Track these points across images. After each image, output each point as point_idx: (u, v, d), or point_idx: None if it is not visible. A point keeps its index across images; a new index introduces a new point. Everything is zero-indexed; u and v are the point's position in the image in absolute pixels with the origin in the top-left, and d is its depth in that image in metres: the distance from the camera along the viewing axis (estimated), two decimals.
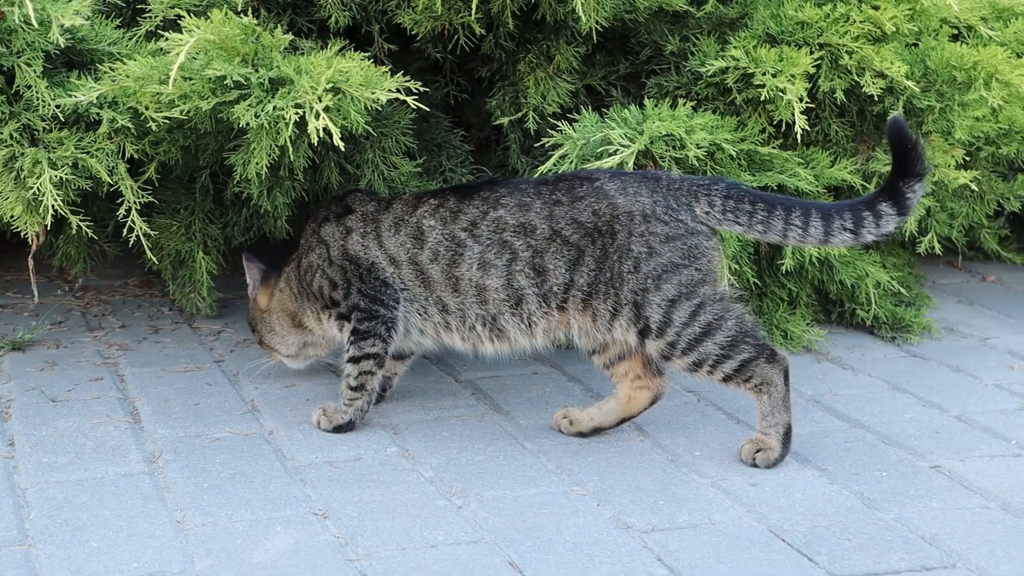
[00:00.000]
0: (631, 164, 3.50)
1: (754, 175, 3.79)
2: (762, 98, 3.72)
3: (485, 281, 3.19)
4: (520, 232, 3.17)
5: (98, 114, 3.45)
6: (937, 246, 4.23)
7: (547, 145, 3.73)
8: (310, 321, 3.45)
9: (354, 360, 3.29)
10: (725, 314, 3.09)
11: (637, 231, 3.09)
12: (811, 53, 3.77)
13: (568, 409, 3.34)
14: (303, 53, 3.55)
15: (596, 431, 3.30)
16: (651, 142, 3.53)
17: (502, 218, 3.19)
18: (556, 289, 3.14)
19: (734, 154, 3.69)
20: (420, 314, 3.28)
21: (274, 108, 3.23)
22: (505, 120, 4.06)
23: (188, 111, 3.32)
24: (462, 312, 3.23)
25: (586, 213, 3.13)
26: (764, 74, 3.70)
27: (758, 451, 3.12)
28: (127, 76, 3.34)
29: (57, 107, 3.42)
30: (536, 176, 3.51)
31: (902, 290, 4.29)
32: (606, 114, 3.74)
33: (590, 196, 3.15)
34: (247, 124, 3.26)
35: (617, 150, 3.51)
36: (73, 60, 3.59)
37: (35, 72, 3.41)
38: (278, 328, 3.53)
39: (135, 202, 3.57)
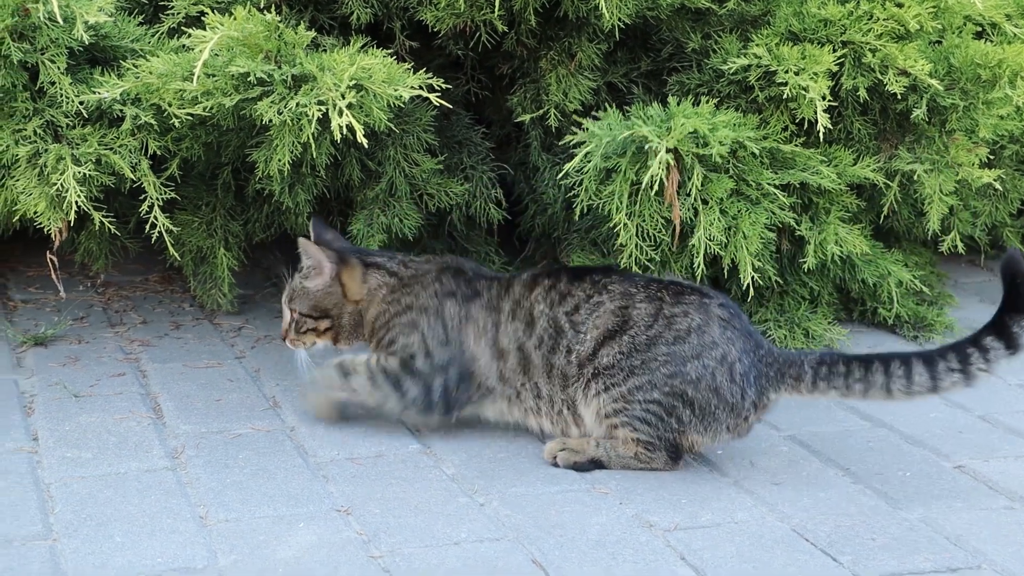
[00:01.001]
0: (662, 159, 3.47)
1: (776, 173, 3.77)
2: (784, 96, 3.71)
3: (568, 370, 3.14)
4: (613, 315, 3.10)
5: (121, 111, 3.45)
6: (960, 245, 4.20)
7: (571, 143, 3.72)
8: (355, 342, 3.34)
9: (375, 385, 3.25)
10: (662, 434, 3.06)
11: (705, 361, 3.02)
12: (834, 51, 3.75)
13: None
14: (325, 50, 3.55)
15: None
16: (679, 140, 3.52)
17: (602, 303, 3.12)
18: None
19: (756, 152, 3.68)
20: (509, 399, 3.20)
21: (297, 105, 3.23)
22: (526, 117, 4.06)
23: (211, 108, 3.32)
24: (551, 397, 3.17)
25: (680, 319, 3.06)
26: (786, 72, 3.69)
27: (565, 450, 3.11)
28: (150, 73, 3.35)
29: (80, 104, 3.43)
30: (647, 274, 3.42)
31: (924, 289, 4.27)
32: (629, 111, 3.73)
33: (694, 308, 3.06)
34: (270, 121, 3.27)
35: (649, 147, 3.49)
36: (96, 57, 3.60)
37: (59, 69, 3.41)
38: (360, 328, 3.33)
39: (158, 198, 3.58)
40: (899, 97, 3.80)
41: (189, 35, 3.30)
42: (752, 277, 3.69)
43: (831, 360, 3.01)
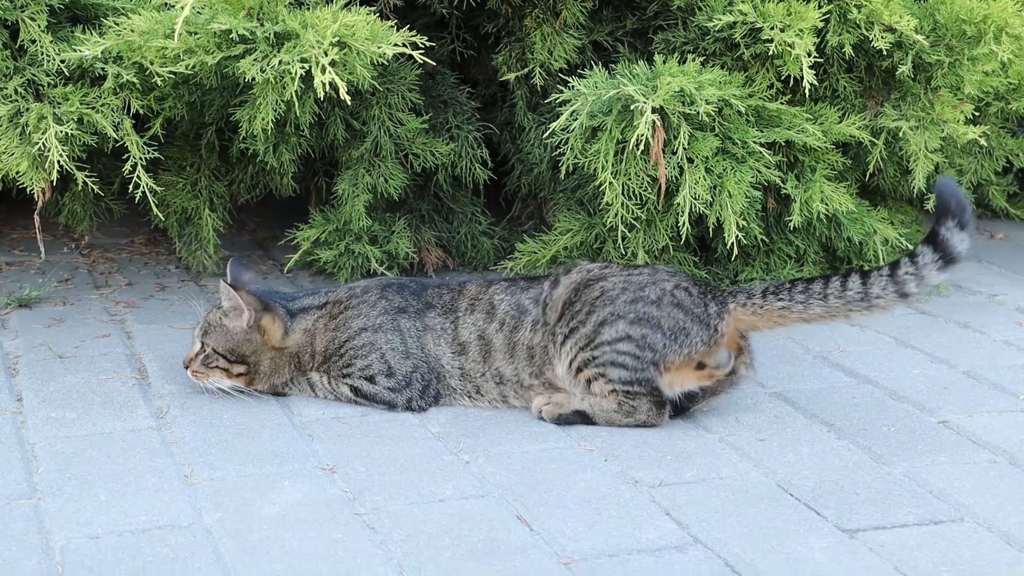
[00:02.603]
0: (648, 119, 3.47)
1: (762, 131, 3.77)
2: (770, 53, 3.70)
3: (534, 340, 3.16)
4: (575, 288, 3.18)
5: (103, 69, 3.43)
6: None
7: (556, 101, 3.71)
8: (285, 373, 3.27)
9: (342, 396, 3.24)
10: (643, 373, 3.06)
11: (661, 285, 3.08)
12: (819, 7, 3.74)
13: None
14: (308, 7, 3.52)
15: None
16: (665, 99, 3.51)
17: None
18: None
19: (742, 110, 3.67)
20: (470, 396, 3.22)
21: (280, 62, 3.22)
22: (511, 76, 4.05)
23: (193, 66, 3.30)
24: (517, 377, 3.18)
25: (631, 268, 3.17)
26: (772, 29, 3.68)
27: (549, 404, 3.11)
28: (132, 30, 3.33)
29: (62, 62, 3.41)
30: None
31: (910, 247, 4.26)
32: (615, 70, 3.71)
33: (642, 265, 3.22)
34: (252, 79, 3.25)
35: (635, 106, 3.49)
36: (77, 15, 3.57)
37: (39, 26, 3.39)
38: (283, 370, 3.26)
39: (141, 158, 3.56)
40: (884, 54, 3.79)
41: None
42: (737, 236, 3.69)
43: (776, 284, 3.10)
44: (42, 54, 3.40)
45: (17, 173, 3.49)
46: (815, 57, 3.68)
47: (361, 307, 3.25)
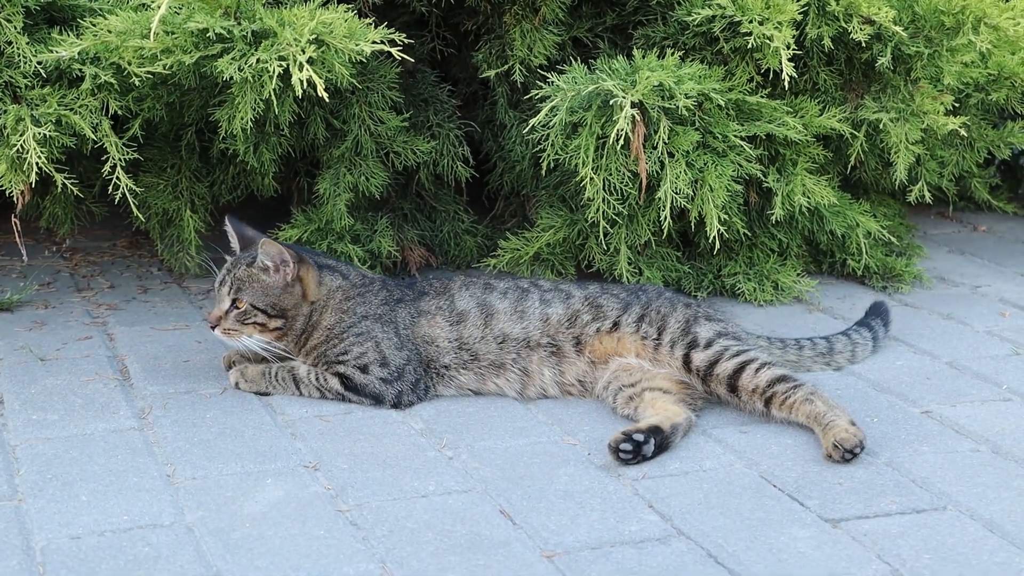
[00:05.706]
0: (627, 114, 3.47)
1: (743, 125, 3.77)
2: (749, 46, 3.70)
3: (548, 310, 3.28)
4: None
5: (80, 70, 3.42)
6: (927, 195, 4.20)
7: (536, 97, 3.71)
8: (289, 342, 3.28)
9: (327, 390, 3.23)
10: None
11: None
12: (798, 0, 3.74)
13: None
14: (286, 5, 3.51)
15: None
16: (644, 93, 3.50)
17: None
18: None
19: (722, 104, 3.67)
20: (464, 365, 3.25)
21: (257, 61, 3.21)
22: (491, 73, 4.04)
23: (171, 65, 3.29)
24: (526, 339, 3.25)
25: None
26: (751, 22, 3.68)
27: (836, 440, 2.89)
28: (109, 31, 3.31)
29: (39, 63, 3.40)
30: None
31: (893, 240, 4.28)
32: (594, 65, 3.71)
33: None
34: (231, 78, 3.25)
35: (614, 101, 3.48)
36: (54, 16, 3.56)
37: (15, 28, 3.38)
38: (300, 323, 3.26)
39: (120, 159, 3.55)
40: (864, 46, 3.79)
41: None
42: (720, 230, 3.69)
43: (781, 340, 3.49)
44: (19, 56, 3.39)
45: None
46: (794, 50, 3.68)
47: (367, 295, 3.30)
